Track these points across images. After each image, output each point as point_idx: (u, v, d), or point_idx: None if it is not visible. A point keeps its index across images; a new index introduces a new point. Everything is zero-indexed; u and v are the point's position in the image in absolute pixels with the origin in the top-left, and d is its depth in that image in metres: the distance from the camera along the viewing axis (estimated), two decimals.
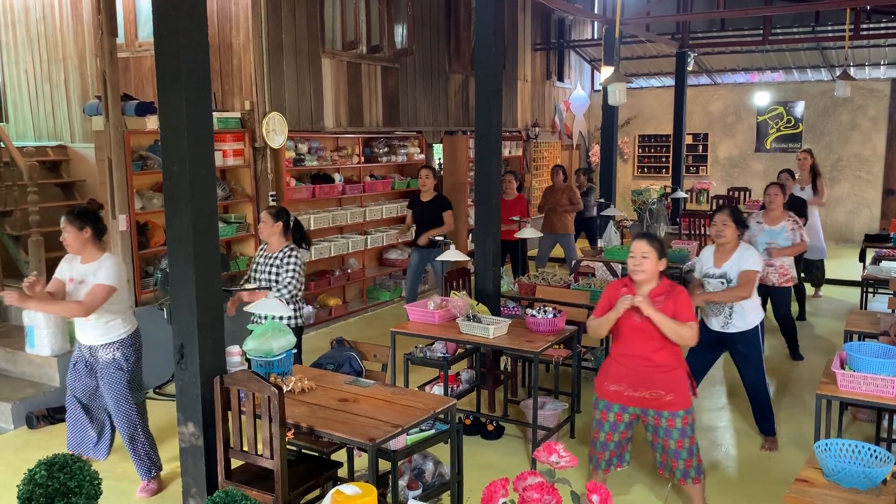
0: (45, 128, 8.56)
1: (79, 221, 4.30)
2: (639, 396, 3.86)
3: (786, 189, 6.48)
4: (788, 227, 6.25)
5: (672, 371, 3.84)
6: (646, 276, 3.80)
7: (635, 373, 3.85)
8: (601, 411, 3.99)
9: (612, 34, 9.40)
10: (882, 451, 2.90)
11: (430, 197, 7.45)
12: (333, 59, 8.11)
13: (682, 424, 3.85)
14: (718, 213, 4.89)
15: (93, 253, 4.35)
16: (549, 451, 2.16)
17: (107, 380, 4.40)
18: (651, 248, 3.78)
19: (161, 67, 3.53)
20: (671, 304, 3.79)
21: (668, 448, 3.88)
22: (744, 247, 4.85)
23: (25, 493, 2.59)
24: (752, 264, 4.76)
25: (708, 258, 4.96)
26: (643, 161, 15.34)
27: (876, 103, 13.14)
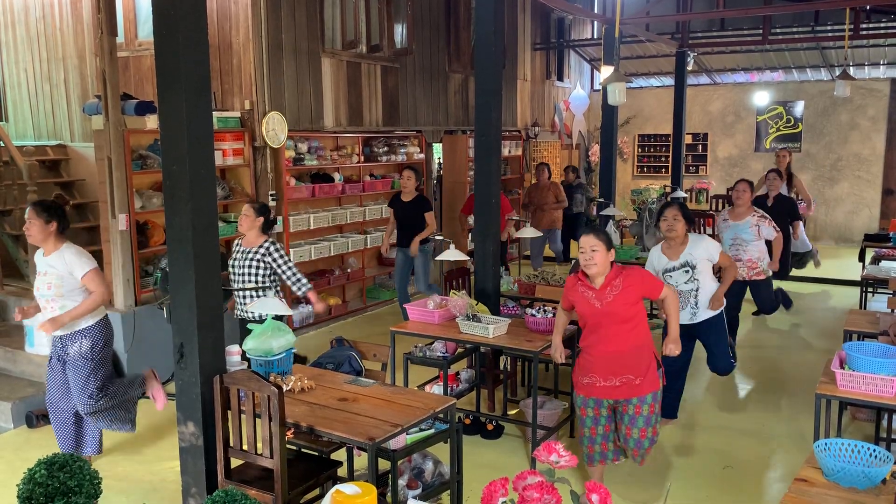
0: (45, 127, 8.56)
1: (46, 214, 4.39)
2: (609, 386, 3.97)
3: (753, 186, 6.59)
4: (753, 222, 6.37)
5: (640, 352, 3.96)
6: (598, 269, 3.91)
7: (604, 361, 3.96)
8: (580, 407, 4.12)
9: (611, 34, 9.39)
10: (881, 450, 2.90)
11: (411, 197, 7.53)
12: (333, 58, 8.11)
13: (648, 412, 3.97)
14: (668, 207, 5.06)
15: (54, 244, 4.44)
16: (548, 451, 2.16)
17: (72, 368, 4.46)
18: (599, 240, 3.89)
19: (161, 67, 3.53)
20: (633, 284, 3.92)
21: (631, 436, 4.01)
22: (695, 236, 5.10)
23: (25, 492, 2.59)
24: (715, 247, 5.06)
25: (660, 256, 5.13)
26: (643, 161, 15.34)
27: (875, 103, 13.14)
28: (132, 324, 6.04)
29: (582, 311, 4.02)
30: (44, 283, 4.43)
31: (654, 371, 4.00)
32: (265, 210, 5.24)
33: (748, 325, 8.00)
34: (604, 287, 3.92)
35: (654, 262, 5.16)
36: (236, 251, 5.30)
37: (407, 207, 7.53)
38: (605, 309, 3.91)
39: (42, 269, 4.46)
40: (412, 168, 7.70)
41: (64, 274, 4.39)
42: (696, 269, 4.99)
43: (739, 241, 6.43)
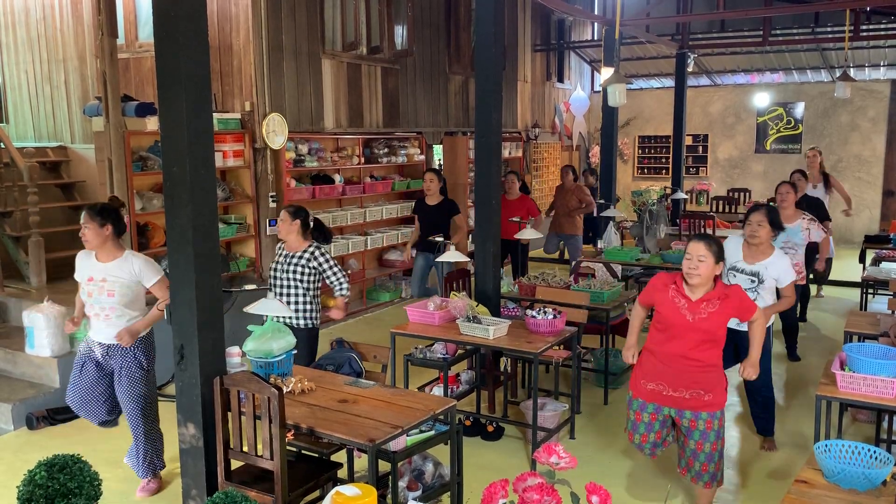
0: (46, 128, 8.56)
1: (100, 217, 4.24)
2: (678, 396, 3.77)
3: (797, 188, 6.40)
4: (803, 226, 6.14)
5: (713, 369, 3.77)
6: (700, 280, 3.68)
7: (676, 371, 3.75)
8: (635, 412, 3.92)
9: (612, 35, 9.41)
10: (882, 452, 2.90)
11: (437, 201, 7.37)
12: (333, 59, 8.12)
13: (717, 426, 3.79)
14: (754, 212, 4.78)
15: (112, 251, 4.30)
16: (549, 453, 2.16)
17: (127, 379, 4.34)
18: (709, 251, 3.65)
19: (161, 68, 3.53)
20: (732, 304, 3.72)
21: (703, 451, 3.80)
22: (780, 254, 4.79)
23: (25, 493, 2.59)
24: (791, 276, 4.74)
25: (736, 250, 4.84)
26: (643, 162, 15.35)
27: (875, 104, 13.14)
28: None
29: (667, 317, 3.77)
30: (102, 290, 4.27)
31: (723, 387, 3.82)
32: (301, 212, 5.10)
33: None
34: (700, 301, 3.70)
35: (730, 252, 4.81)
36: (279, 255, 5.18)
37: (433, 212, 7.33)
38: (696, 324, 3.68)
39: (98, 275, 4.28)
40: (433, 170, 7.55)
41: (130, 283, 4.28)
42: (762, 284, 4.74)
43: (791, 245, 6.11)
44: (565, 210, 9.38)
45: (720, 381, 3.80)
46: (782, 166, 13.26)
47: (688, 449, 3.85)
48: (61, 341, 5.74)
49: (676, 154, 12.71)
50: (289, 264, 5.09)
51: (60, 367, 5.64)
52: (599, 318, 5.92)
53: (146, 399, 4.41)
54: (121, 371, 4.35)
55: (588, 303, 5.81)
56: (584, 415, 5.60)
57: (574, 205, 9.35)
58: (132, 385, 4.35)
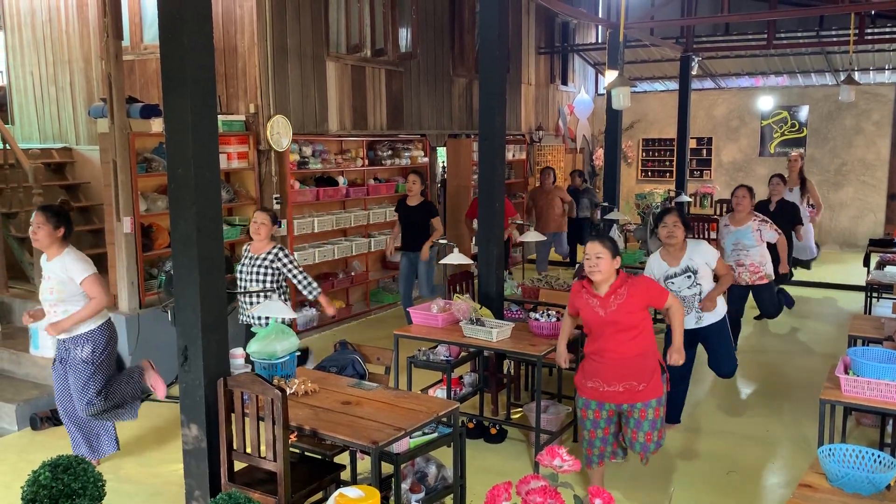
0: (51, 130, 8.59)
1: (56, 220, 4.41)
2: (613, 391, 3.97)
3: (752, 192, 6.58)
4: (753, 227, 6.38)
5: (644, 359, 3.96)
6: (603, 276, 3.90)
7: (608, 367, 3.95)
8: (581, 409, 4.13)
9: (616, 38, 9.40)
10: (886, 456, 2.89)
11: (417, 202, 7.51)
12: (338, 62, 8.13)
13: (653, 416, 3.98)
14: (668, 214, 5.05)
15: (57, 250, 4.46)
16: (552, 455, 2.16)
17: (72, 371, 4.47)
18: (604, 248, 3.89)
19: (166, 70, 3.54)
20: (638, 292, 3.91)
21: (637, 440, 4.01)
22: (691, 241, 5.09)
23: (30, 494, 2.59)
24: (713, 253, 5.06)
25: (660, 263, 5.11)
26: (647, 165, 15.33)
27: (880, 108, 13.11)
28: (136, 327, 6.04)
29: (586, 318, 4.02)
30: (46, 288, 4.46)
31: (658, 377, 4.00)
32: (277, 218, 5.36)
33: (750, 329, 7.99)
34: (608, 295, 3.91)
35: (654, 269, 5.14)
36: (245, 257, 5.36)
37: (413, 212, 7.51)
38: (608, 317, 3.90)
39: (45, 273, 4.49)
40: (417, 172, 7.71)
41: (64, 279, 4.42)
42: (697, 273, 5.00)
43: (741, 247, 6.44)
44: (552, 212, 9.91)
45: (654, 371, 3.98)
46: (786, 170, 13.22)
47: (626, 437, 4.08)
48: None
49: (680, 157, 12.70)
50: (253, 265, 5.29)
51: None
52: None
53: (93, 392, 4.46)
54: (67, 364, 4.50)
55: None
56: None
57: (560, 206, 9.94)
58: (76, 378, 4.47)
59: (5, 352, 6.06)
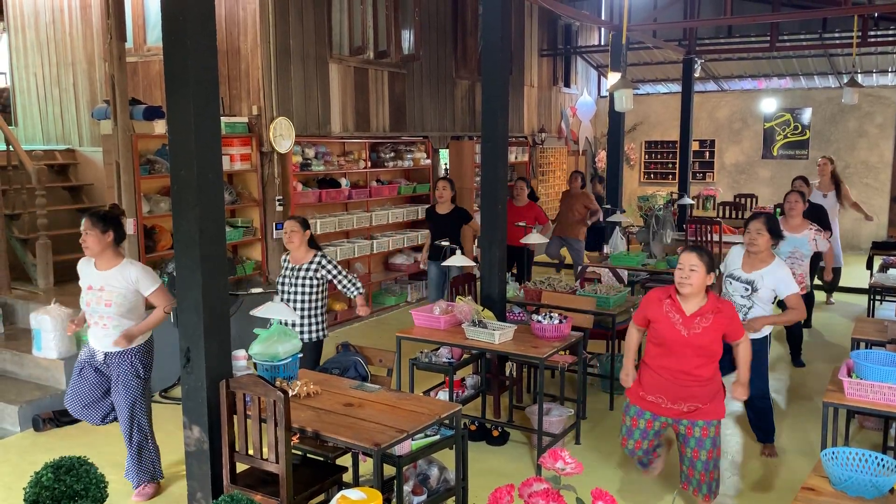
0: (54, 131, 8.60)
1: (103, 224, 4.23)
2: (676, 409, 3.82)
3: (805, 196, 6.39)
4: (810, 237, 6.12)
5: (712, 384, 3.81)
6: (693, 290, 3.71)
7: (676, 386, 3.79)
8: (632, 417, 3.96)
9: (619, 40, 9.40)
10: (889, 459, 2.88)
11: (448, 209, 7.38)
12: (341, 64, 8.13)
13: (714, 433, 3.82)
14: (753, 220, 4.80)
15: (110, 259, 4.29)
16: (555, 458, 2.16)
17: (123, 388, 4.33)
18: (700, 261, 3.68)
19: (169, 72, 3.55)
20: (722, 322, 3.73)
21: (699, 458, 3.82)
22: (779, 263, 4.75)
23: (32, 495, 2.60)
24: (792, 287, 4.70)
25: (736, 258, 4.88)
26: (649, 167, 15.32)
27: (883, 110, 13.10)
28: None
29: (662, 332, 3.80)
30: (100, 299, 4.25)
31: (721, 398, 3.85)
32: (307, 223, 5.17)
33: None
34: (694, 315, 3.72)
35: (729, 260, 4.91)
36: (284, 267, 5.20)
37: (444, 220, 7.34)
38: (692, 339, 3.71)
39: (97, 283, 4.27)
40: (446, 178, 7.56)
41: (127, 292, 4.26)
42: (756, 292, 4.74)
43: (798, 256, 6.09)
44: (571, 216, 9.37)
45: (718, 393, 3.84)
46: (789, 172, 13.19)
47: (685, 458, 3.88)
48: (68, 343, 5.77)
49: (683, 159, 12.69)
50: (296, 277, 5.10)
51: (67, 370, 5.65)
52: (605, 323, 5.91)
53: (140, 408, 4.39)
54: (118, 378, 4.34)
55: (594, 308, 5.80)
56: (589, 420, 5.59)
57: (580, 211, 9.33)
58: (128, 393, 4.34)
59: (8, 353, 6.07)
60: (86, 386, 4.44)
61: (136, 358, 4.34)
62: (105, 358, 4.35)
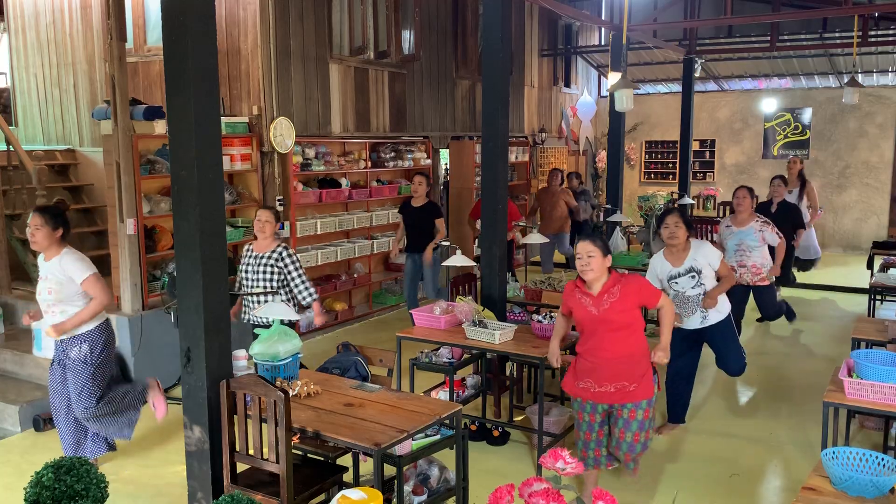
0: (54, 131, 8.60)
1: (54, 221, 4.39)
2: (604, 391, 3.97)
3: (753, 192, 6.63)
4: (756, 228, 6.43)
5: (636, 359, 3.95)
6: (595, 275, 3.91)
7: (600, 367, 3.95)
8: (577, 411, 4.14)
9: (619, 40, 9.40)
10: (890, 459, 2.88)
11: (421, 203, 7.56)
12: (341, 64, 8.14)
13: (642, 417, 3.98)
14: (669, 214, 5.05)
15: (56, 250, 4.44)
16: (555, 458, 2.16)
17: (71, 372, 4.45)
18: (595, 247, 3.90)
19: (170, 72, 3.55)
20: (631, 291, 3.91)
21: (624, 440, 3.99)
22: (696, 242, 5.08)
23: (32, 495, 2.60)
24: (716, 254, 5.05)
25: (663, 263, 5.12)
26: (650, 167, 15.32)
27: (884, 110, 13.10)
28: (139, 328, 6.05)
29: (579, 317, 4.02)
30: (44, 288, 4.43)
31: (649, 378, 4.00)
32: (280, 215, 5.34)
33: (752, 331, 7.98)
34: (601, 294, 3.92)
35: (656, 270, 5.15)
36: (248, 255, 5.35)
37: (417, 213, 7.55)
38: (601, 315, 3.91)
39: (43, 273, 4.46)
40: (422, 174, 7.73)
41: (63, 279, 4.40)
42: (701, 273, 5.01)
43: (744, 248, 6.50)
44: (556, 213, 9.87)
45: (645, 372, 3.99)
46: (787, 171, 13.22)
47: (613, 437, 4.06)
48: None
49: (683, 159, 12.69)
50: (259, 264, 5.27)
51: None
52: None
53: (90, 393, 4.44)
54: (66, 366, 4.47)
55: None
56: None
57: (563, 208, 9.89)
58: (74, 379, 4.44)
59: (8, 353, 6.07)
60: (54, 382, 4.58)
61: (83, 344, 4.43)
62: (61, 347, 4.49)
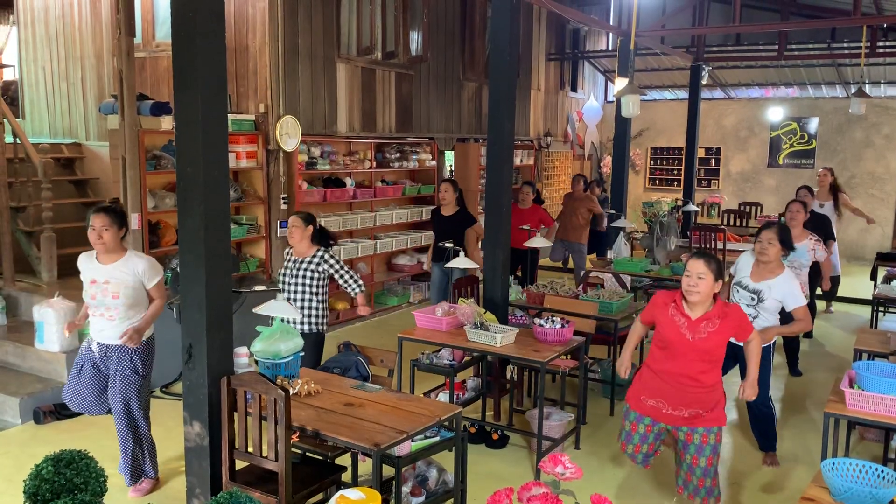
0: (61, 125, 8.63)
1: (120, 221, 4.24)
2: (676, 415, 3.80)
3: (807, 206, 6.39)
4: (809, 247, 6.11)
5: (714, 392, 3.79)
6: (700, 298, 3.69)
7: (677, 391, 3.76)
8: (631, 422, 3.96)
9: (626, 46, 9.39)
10: (890, 471, 2.87)
11: (452, 211, 7.35)
12: (348, 64, 8.15)
13: (714, 441, 3.80)
14: (765, 230, 4.78)
15: (119, 253, 4.27)
16: (555, 462, 2.16)
17: (121, 382, 4.31)
18: (708, 268, 3.67)
19: (178, 68, 3.55)
20: (730, 325, 3.73)
21: (698, 465, 3.80)
22: (788, 275, 4.74)
23: (32, 487, 2.60)
24: (800, 299, 4.70)
25: (746, 265, 4.88)
26: (655, 173, 15.31)
27: (890, 121, 13.07)
28: None
29: (667, 336, 3.79)
30: (106, 293, 4.21)
31: (722, 406, 3.83)
32: (311, 219, 5.21)
33: None
34: (700, 320, 3.70)
35: (738, 267, 4.90)
36: (287, 261, 5.28)
37: (448, 222, 7.30)
38: (696, 344, 3.69)
39: (100, 276, 4.24)
40: (450, 180, 7.52)
41: (135, 284, 4.25)
42: (763, 302, 4.73)
43: (796, 265, 6.00)
44: (574, 220, 9.48)
45: (720, 400, 3.82)
46: (795, 181, 13.18)
47: (684, 464, 3.87)
48: (70, 337, 5.77)
49: (688, 166, 12.68)
50: (298, 269, 5.17)
51: (68, 363, 5.66)
52: (607, 328, 5.91)
53: (137, 404, 4.38)
54: (116, 373, 4.32)
55: (596, 313, 5.80)
56: (589, 425, 5.59)
57: (584, 215, 9.43)
58: (125, 388, 4.32)
59: (10, 345, 6.08)
60: (84, 382, 4.43)
61: (137, 354, 4.33)
62: (106, 351, 4.32)
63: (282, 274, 5.26)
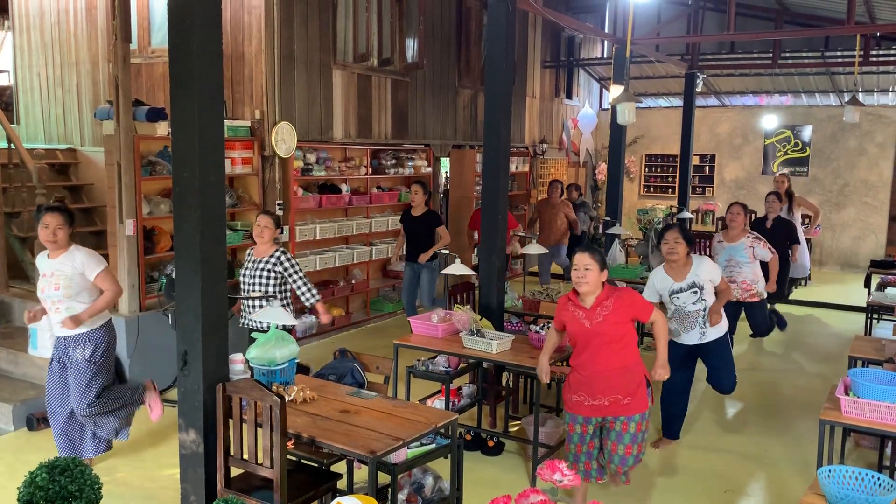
0: (56, 131, 8.60)
1: (71, 219, 4.43)
2: (598, 404, 3.96)
3: (746, 208, 6.71)
4: (747, 244, 6.46)
5: (629, 372, 3.95)
6: (589, 288, 3.92)
7: (593, 380, 3.95)
8: (568, 423, 4.14)
9: (622, 53, 9.43)
10: (885, 478, 2.88)
11: (421, 212, 7.57)
12: (344, 70, 8.15)
13: (635, 430, 3.98)
14: (669, 230, 5.07)
15: (65, 247, 4.45)
16: (552, 469, 2.16)
17: (73, 371, 4.44)
18: (593, 259, 3.91)
19: (174, 74, 3.55)
20: (623, 304, 3.92)
21: (616, 453, 3.99)
22: (698, 259, 5.09)
23: (26, 495, 2.58)
24: (717, 270, 5.11)
25: (664, 278, 5.11)
26: (649, 180, 15.34)
27: (884, 129, 13.14)
28: (136, 329, 6.04)
29: (572, 330, 4.03)
30: (50, 285, 4.42)
31: (643, 391, 4.00)
32: (279, 220, 5.36)
33: (746, 347, 7.98)
34: (594, 307, 3.93)
35: (656, 285, 5.14)
36: (248, 260, 5.36)
37: (417, 222, 7.56)
38: (594, 328, 3.92)
39: (47, 270, 4.45)
40: (420, 182, 7.73)
41: (73, 275, 4.40)
42: (703, 289, 5.00)
43: (734, 263, 6.51)
44: (556, 225, 9.81)
45: (639, 385, 3.98)
46: None
47: (605, 449, 4.06)
48: None
49: (683, 173, 12.72)
50: (256, 268, 5.29)
51: None
52: None
53: (92, 393, 4.44)
54: (69, 363, 4.46)
55: None
56: None
57: (563, 221, 9.83)
58: (77, 378, 4.42)
59: (3, 351, 6.05)
60: (52, 380, 4.56)
61: (88, 342, 4.42)
62: (64, 343, 4.46)
63: (242, 275, 5.37)
